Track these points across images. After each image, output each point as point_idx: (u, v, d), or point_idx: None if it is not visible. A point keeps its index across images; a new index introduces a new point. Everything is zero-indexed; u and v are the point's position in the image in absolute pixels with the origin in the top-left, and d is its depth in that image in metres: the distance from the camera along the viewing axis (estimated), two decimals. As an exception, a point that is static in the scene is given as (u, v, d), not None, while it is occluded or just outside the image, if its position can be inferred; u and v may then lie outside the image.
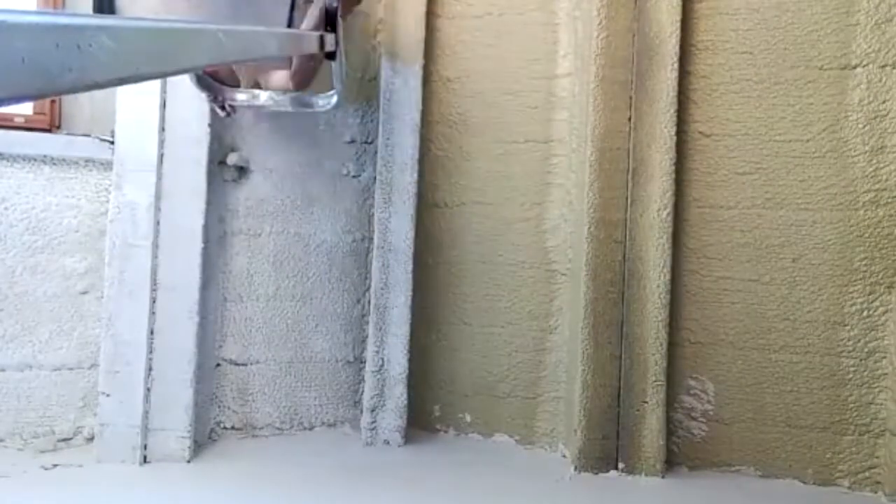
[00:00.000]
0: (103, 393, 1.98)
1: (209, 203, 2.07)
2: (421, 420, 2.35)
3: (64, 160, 2.06)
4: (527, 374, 2.28)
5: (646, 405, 2.04)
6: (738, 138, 2.06)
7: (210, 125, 2.05)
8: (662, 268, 2.03)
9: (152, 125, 1.99)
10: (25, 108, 2.20)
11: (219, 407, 2.23)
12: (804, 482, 2.00)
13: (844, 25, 1.98)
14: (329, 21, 1.64)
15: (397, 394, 2.24)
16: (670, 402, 2.08)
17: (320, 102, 1.94)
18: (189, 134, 2.03)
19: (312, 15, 1.78)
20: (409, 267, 2.24)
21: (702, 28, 2.08)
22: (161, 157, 2.01)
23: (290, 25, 1.58)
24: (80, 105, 2.24)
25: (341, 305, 2.36)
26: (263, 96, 1.92)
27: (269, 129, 2.25)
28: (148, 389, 2.00)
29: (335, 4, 1.65)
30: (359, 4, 2.12)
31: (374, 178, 2.28)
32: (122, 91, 1.98)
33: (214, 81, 1.86)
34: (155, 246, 2.00)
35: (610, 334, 2.06)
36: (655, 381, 2.03)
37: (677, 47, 2.03)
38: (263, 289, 2.27)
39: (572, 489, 1.97)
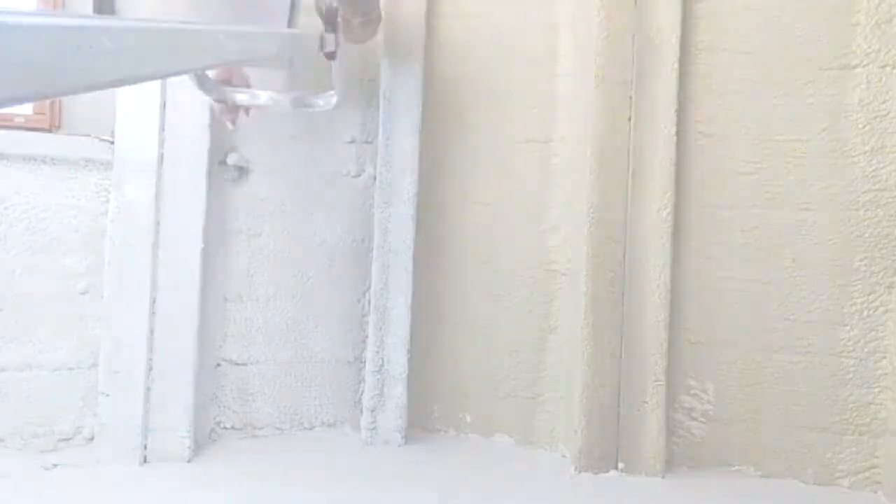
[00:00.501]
0: (103, 393, 1.98)
1: (209, 203, 2.07)
2: (421, 420, 2.35)
3: (64, 160, 2.06)
4: (527, 374, 2.28)
5: (646, 405, 2.04)
6: (738, 138, 2.06)
7: (210, 125, 2.05)
8: (662, 268, 2.03)
9: (152, 125, 1.99)
10: (25, 108, 2.20)
11: (219, 407, 2.22)
12: (804, 482, 2.00)
13: (844, 25, 1.98)
14: (329, 21, 1.64)
15: (397, 394, 2.24)
16: (670, 402, 2.08)
17: (320, 102, 1.93)
18: (189, 134, 2.03)
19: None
20: (409, 267, 2.24)
21: (702, 28, 2.08)
22: (161, 157, 2.01)
23: (290, 26, 1.59)
24: (80, 105, 2.24)
25: (341, 305, 2.35)
26: (264, 96, 1.92)
27: (269, 129, 2.25)
28: (148, 389, 2.00)
29: (335, 4, 1.65)
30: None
31: (374, 178, 2.28)
32: (122, 91, 1.98)
33: (218, 82, 1.86)
34: (155, 246, 2.00)
35: (610, 334, 2.06)
36: (655, 381, 2.03)
37: (677, 47, 2.03)
38: (263, 289, 2.27)
39: (572, 489, 1.97)
